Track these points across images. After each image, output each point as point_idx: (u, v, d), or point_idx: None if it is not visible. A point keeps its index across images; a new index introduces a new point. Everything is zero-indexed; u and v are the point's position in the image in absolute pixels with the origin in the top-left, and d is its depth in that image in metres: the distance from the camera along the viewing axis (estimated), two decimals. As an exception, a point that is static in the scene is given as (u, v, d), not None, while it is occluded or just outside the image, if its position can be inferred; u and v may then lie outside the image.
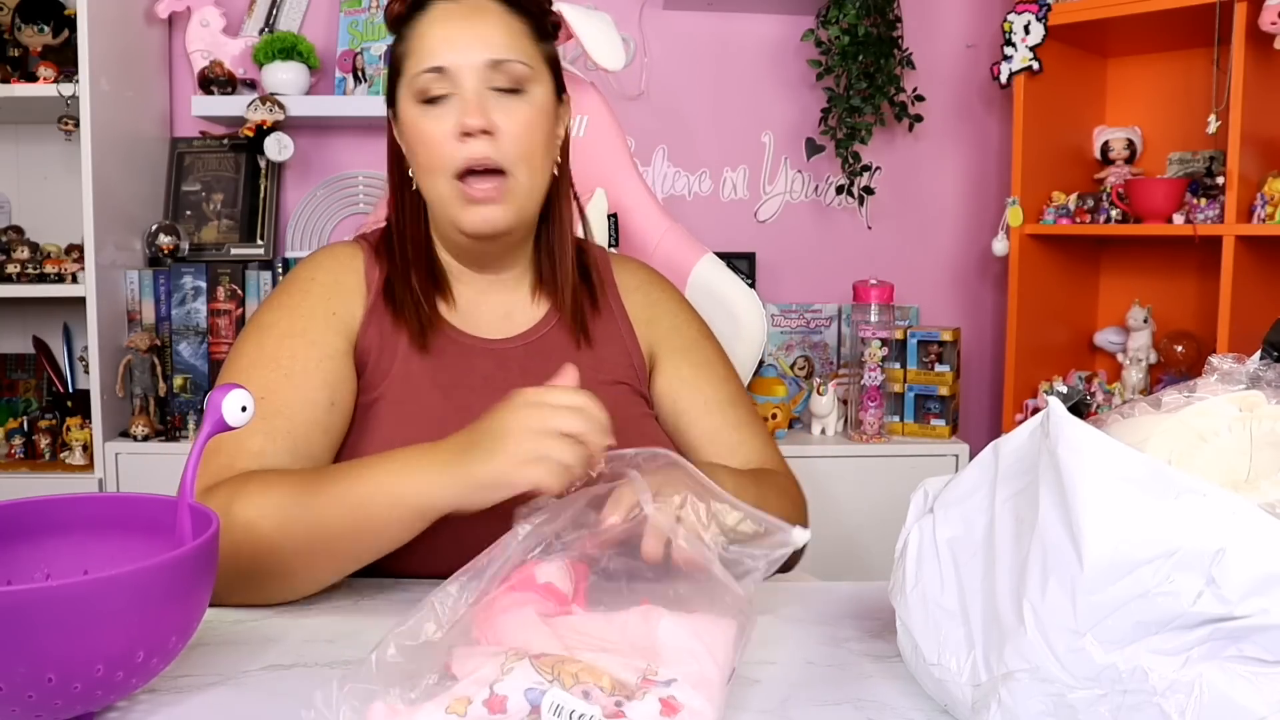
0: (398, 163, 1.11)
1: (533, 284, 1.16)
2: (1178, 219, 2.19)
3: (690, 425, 1.16)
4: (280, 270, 2.41)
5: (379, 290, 1.10)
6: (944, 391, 2.40)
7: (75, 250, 2.30)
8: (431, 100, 1.02)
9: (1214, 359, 0.75)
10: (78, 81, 2.14)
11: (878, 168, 2.65)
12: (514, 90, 1.03)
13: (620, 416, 1.06)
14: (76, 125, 2.16)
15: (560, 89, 1.11)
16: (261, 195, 2.51)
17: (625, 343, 1.17)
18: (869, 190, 2.61)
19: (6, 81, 2.22)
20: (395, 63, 1.08)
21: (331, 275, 1.10)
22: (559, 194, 1.13)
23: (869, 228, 2.70)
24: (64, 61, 2.21)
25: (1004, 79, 2.35)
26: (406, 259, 1.11)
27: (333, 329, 1.06)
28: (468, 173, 1.03)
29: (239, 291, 2.37)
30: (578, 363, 1.11)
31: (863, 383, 2.38)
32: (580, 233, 1.20)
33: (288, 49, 2.39)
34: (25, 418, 2.34)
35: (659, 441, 1.13)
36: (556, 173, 1.12)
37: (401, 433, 1.04)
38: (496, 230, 1.05)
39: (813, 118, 2.62)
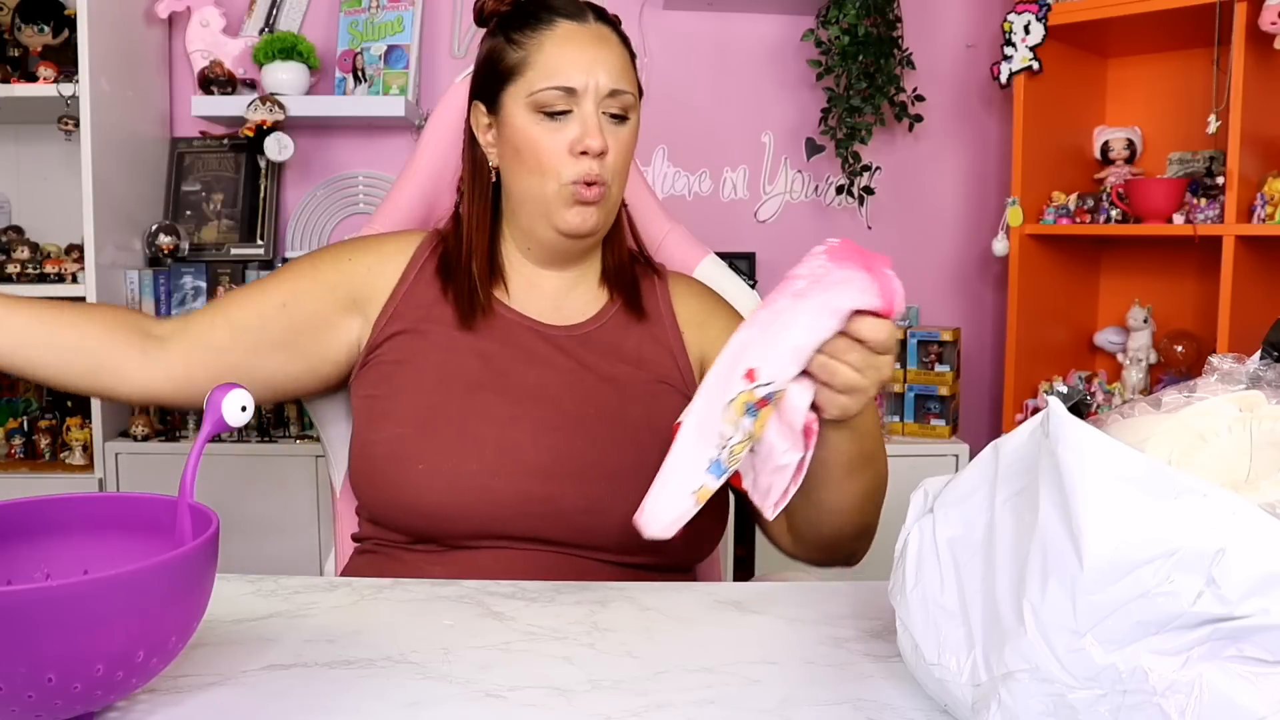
0: (473, 155, 1.17)
1: (595, 279, 1.22)
2: (1178, 219, 2.19)
3: None
4: (280, 270, 2.40)
5: (431, 265, 1.17)
6: (944, 391, 2.40)
7: (75, 250, 2.30)
8: (552, 114, 1.09)
9: (1214, 359, 0.75)
10: (78, 81, 2.14)
11: (878, 168, 2.65)
12: (622, 118, 1.13)
13: (659, 413, 1.11)
14: (76, 125, 2.16)
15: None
16: (261, 195, 2.51)
17: (671, 345, 1.19)
18: (869, 190, 2.61)
19: (6, 81, 2.23)
20: (506, 67, 1.11)
21: (378, 239, 1.20)
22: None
23: (869, 228, 2.70)
24: (64, 61, 2.21)
25: (1004, 79, 2.35)
26: (470, 243, 1.16)
27: (330, 262, 1.15)
28: (579, 181, 1.10)
29: (239, 291, 2.37)
30: (622, 358, 1.16)
31: (863, 383, 2.38)
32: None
33: (288, 49, 2.39)
34: (25, 418, 2.34)
35: None
36: None
37: (431, 393, 1.09)
38: (591, 231, 1.13)
39: (813, 118, 2.62)
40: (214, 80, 2.38)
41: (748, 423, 0.85)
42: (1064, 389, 2.34)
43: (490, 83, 1.14)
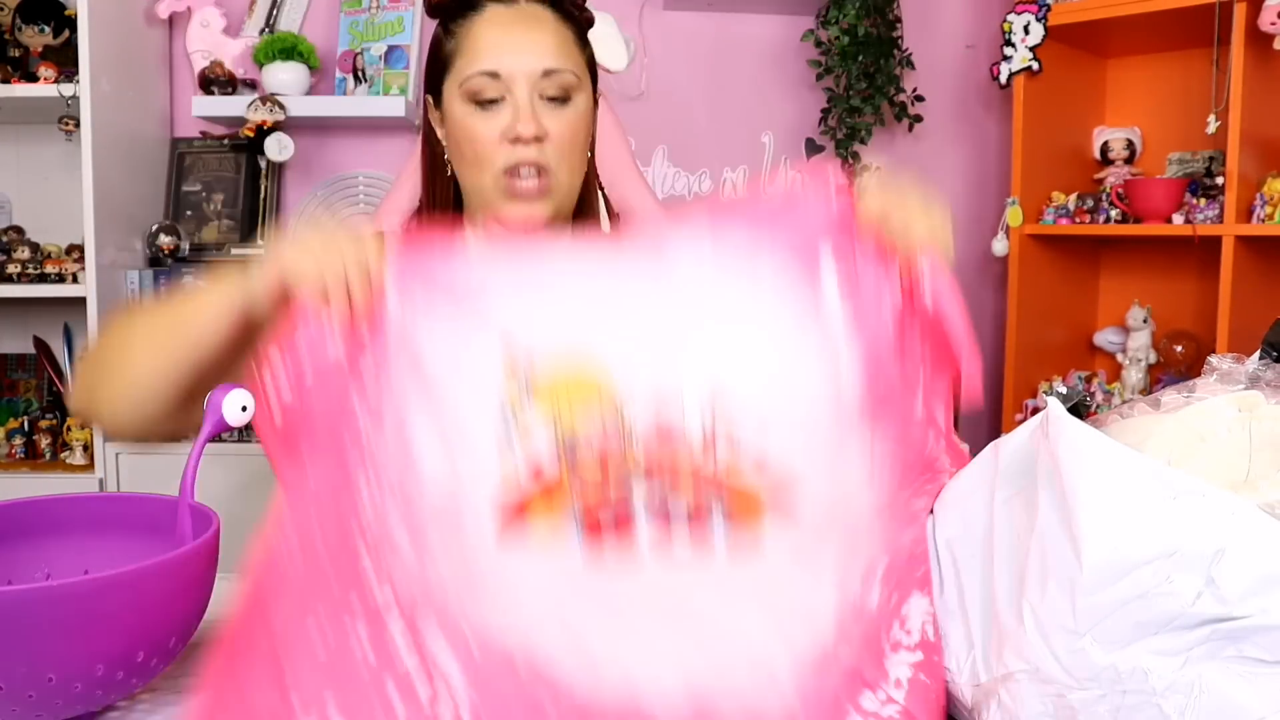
0: (431, 149, 1.14)
1: None
2: (1177, 219, 2.19)
3: None
4: (280, 270, 2.40)
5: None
6: (944, 391, 2.39)
7: (76, 250, 2.30)
8: (483, 101, 1.05)
9: (1213, 359, 0.75)
10: (78, 82, 2.14)
11: (877, 168, 2.64)
12: (562, 100, 1.06)
13: None
14: (77, 125, 2.16)
15: (595, 87, 1.15)
16: (262, 195, 2.51)
17: None
18: (869, 190, 2.61)
19: (7, 81, 2.22)
20: (443, 58, 1.09)
21: None
22: (589, 187, 1.16)
23: (869, 228, 2.70)
24: (64, 62, 2.21)
25: (1004, 79, 2.35)
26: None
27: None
28: (514, 171, 1.06)
29: (239, 291, 2.37)
30: None
31: (863, 383, 2.38)
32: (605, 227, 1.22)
33: (288, 49, 2.39)
34: (26, 418, 2.34)
35: None
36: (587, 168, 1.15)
37: None
38: (537, 223, 1.08)
39: (813, 118, 2.62)
40: (214, 80, 2.38)
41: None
42: (1063, 389, 2.34)
43: (433, 75, 1.12)
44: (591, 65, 1.13)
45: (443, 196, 1.15)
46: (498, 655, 0.65)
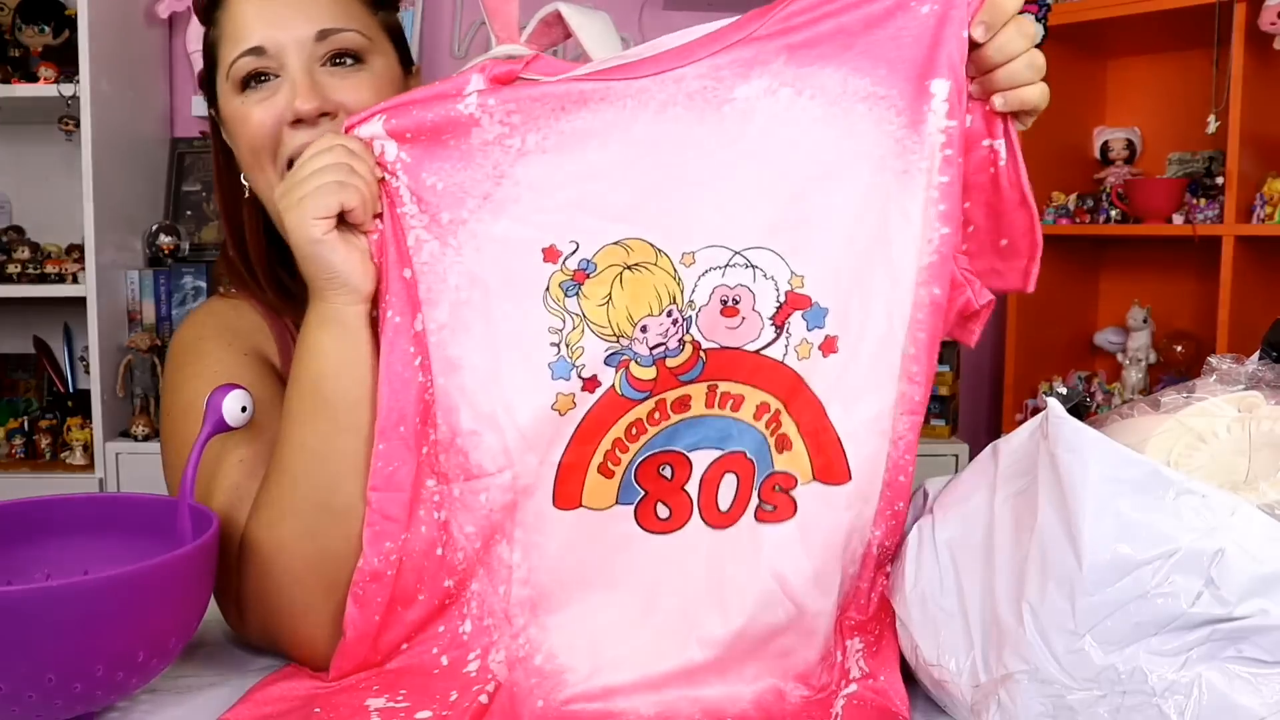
0: (226, 174, 0.96)
1: None
2: (1177, 219, 2.19)
3: None
4: (280, 270, 2.40)
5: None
6: (944, 391, 2.40)
7: (76, 250, 2.31)
8: (253, 83, 0.87)
9: (1213, 359, 0.75)
10: (78, 82, 2.14)
11: None
12: (352, 62, 0.88)
13: None
14: (77, 125, 2.16)
15: (408, 62, 0.96)
16: (262, 195, 2.51)
17: None
18: (869, 190, 2.61)
19: (7, 81, 2.23)
20: (209, 56, 0.92)
21: (218, 326, 0.95)
22: None
23: (869, 228, 2.70)
24: (64, 62, 2.21)
25: (1004, 79, 2.35)
26: (257, 281, 0.95)
27: (254, 370, 0.91)
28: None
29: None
30: None
31: (863, 383, 2.38)
32: None
33: (288, 49, 2.39)
34: (26, 418, 2.34)
35: None
36: None
37: None
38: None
39: (813, 118, 2.62)
40: (214, 80, 2.38)
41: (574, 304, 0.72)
42: (1063, 389, 2.34)
43: (208, 83, 0.94)
44: (395, 30, 0.94)
45: (252, 227, 0.94)
46: None
